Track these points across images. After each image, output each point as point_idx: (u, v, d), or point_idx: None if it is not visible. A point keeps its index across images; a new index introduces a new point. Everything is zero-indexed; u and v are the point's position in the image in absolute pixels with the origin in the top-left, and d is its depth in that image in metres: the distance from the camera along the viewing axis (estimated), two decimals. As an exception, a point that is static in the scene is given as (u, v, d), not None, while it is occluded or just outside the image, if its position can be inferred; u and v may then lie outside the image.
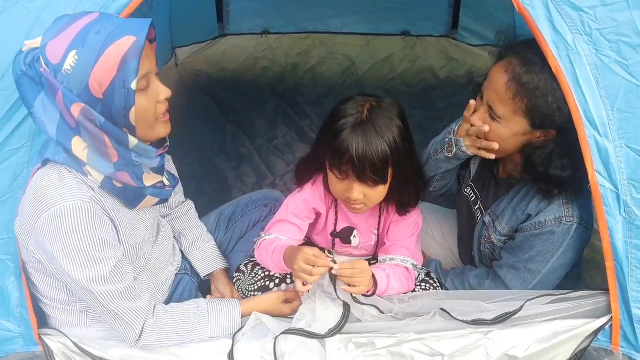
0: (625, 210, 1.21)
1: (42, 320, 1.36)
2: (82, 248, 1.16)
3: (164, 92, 1.24)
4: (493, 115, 1.36)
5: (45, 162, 1.20)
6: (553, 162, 1.33)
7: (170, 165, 1.55)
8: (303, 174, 1.57)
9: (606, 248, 1.24)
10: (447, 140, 1.55)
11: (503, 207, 1.52)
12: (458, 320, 1.33)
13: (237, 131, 2.76)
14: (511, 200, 1.51)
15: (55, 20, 1.15)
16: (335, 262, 1.35)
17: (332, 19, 3.01)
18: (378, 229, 1.61)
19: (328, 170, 1.41)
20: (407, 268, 1.54)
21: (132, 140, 1.21)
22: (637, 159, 1.19)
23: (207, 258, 1.70)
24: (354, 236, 1.63)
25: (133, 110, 1.16)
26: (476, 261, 1.68)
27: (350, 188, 1.36)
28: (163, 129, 1.29)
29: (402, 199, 1.48)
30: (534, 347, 1.28)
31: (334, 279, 1.36)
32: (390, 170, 1.35)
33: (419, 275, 1.60)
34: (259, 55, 3.04)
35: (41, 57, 1.11)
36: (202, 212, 1.82)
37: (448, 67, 3.04)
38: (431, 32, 3.04)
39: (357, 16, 3.01)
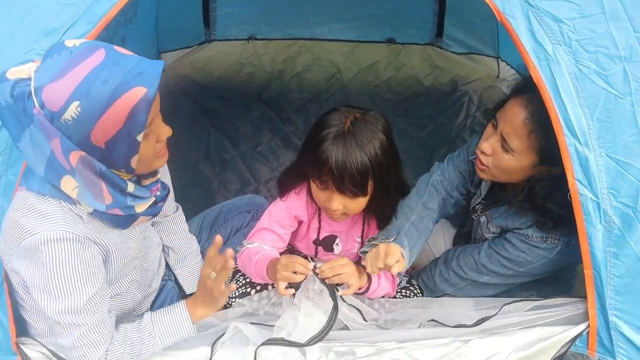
0: (604, 219, 1.23)
1: (21, 329, 1.33)
2: (60, 280, 1.11)
3: (165, 133, 1.18)
4: (505, 147, 1.38)
5: (29, 189, 1.13)
6: (553, 197, 1.35)
7: (164, 172, 1.49)
8: (286, 184, 1.56)
9: (585, 256, 1.27)
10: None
11: (499, 213, 1.55)
12: (442, 324, 1.35)
13: (221, 137, 2.75)
14: (507, 209, 1.53)
15: (50, 52, 1.04)
16: (315, 267, 1.35)
17: (318, 25, 3.02)
18: (362, 237, 1.61)
19: (310, 180, 1.41)
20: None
21: (130, 187, 1.16)
22: (616, 168, 1.21)
23: (194, 276, 1.66)
24: (337, 244, 1.63)
25: (136, 157, 1.10)
26: None
27: (330, 198, 1.37)
28: (160, 162, 1.23)
29: (383, 212, 1.48)
30: (514, 355, 1.30)
31: (326, 283, 1.35)
32: (370, 183, 1.35)
33: (400, 281, 1.60)
34: (244, 61, 3.04)
35: (34, 98, 1.01)
36: (185, 218, 1.80)
37: (432, 74, 3.07)
38: (416, 39, 3.06)
39: (343, 23, 3.02)
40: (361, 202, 1.38)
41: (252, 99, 2.94)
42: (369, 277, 1.45)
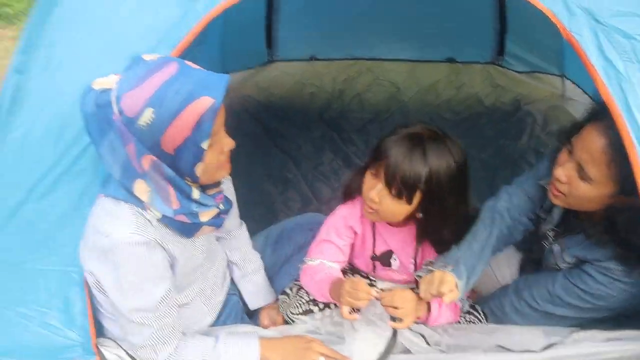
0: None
1: (100, 331, 1.41)
2: (130, 281, 1.21)
3: (228, 145, 1.26)
4: (582, 175, 1.32)
5: (107, 195, 1.24)
6: (636, 229, 1.28)
7: (228, 186, 1.55)
8: (349, 187, 1.59)
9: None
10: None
11: (575, 242, 1.49)
12: (508, 349, 1.31)
13: (283, 156, 2.81)
14: (584, 239, 1.46)
15: (130, 65, 1.16)
16: (377, 292, 1.36)
17: (378, 45, 3.07)
18: (414, 258, 1.61)
19: (366, 172, 1.44)
20: None
21: (195, 194, 1.24)
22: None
23: (258, 292, 1.72)
24: (394, 259, 1.63)
25: (201, 165, 1.18)
26: None
27: (373, 187, 1.39)
28: (222, 173, 1.31)
29: (439, 237, 1.47)
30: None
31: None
32: (418, 195, 1.35)
33: (463, 306, 1.58)
34: (306, 81, 3.11)
35: (114, 105, 1.12)
36: (249, 234, 1.86)
37: (494, 94, 3.03)
38: (477, 58, 3.05)
39: (402, 43, 3.05)
40: (399, 208, 1.39)
41: (313, 119, 3.00)
42: (430, 306, 1.44)
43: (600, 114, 1.30)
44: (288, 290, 1.70)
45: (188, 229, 1.31)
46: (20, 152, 1.37)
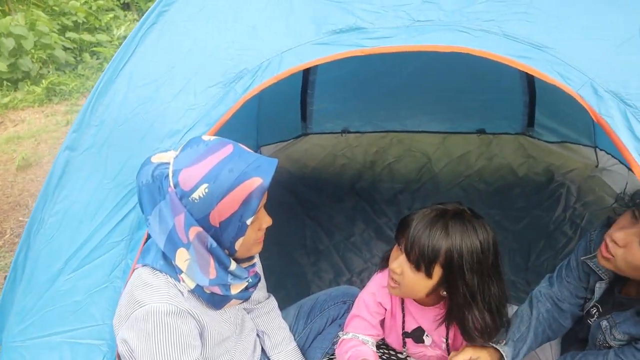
0: None
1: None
2: (162, 349, 1.23)
3: (267, 222, 1.34)
4: None
5: (144, 265, 1.31)
6: None
7: (257, 262, 1.60)
8: (383, 261, 1.60)
9: None
10: None
11: (625, 317, 1.44)
12: None
13: (316, 227, 2.83)
14: (634, 315, 1.41)
15: (189, 143, 1.25)
16: None
17: (409, 118, 3.12)
18: (447, 339, 1.59)
19: (396, 244, 1.46)
20: None
21: (232, 265, 1.30)
22: None
23: None
24: (427, 336, 1.60)
25: (241, 239, 1.25)
26: None
27: (396, 257, 1.41)
28: (257, 248, 1.38)
29: (464, 323, 1.43)
30: None
31: None
32: (438, 270, 1.35)
33: None
34: (338, 153, 3.17)
35: (171, 178, 1.20)
36: (281, 306, 1.86)
37: (526, 164, 3.01)
38: (507, 129, 3.06)
39: (433, 115, 3.10)
40: (420, 282, 1.39)
41: (345, 190, 3.04)
42: None
43: None
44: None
45: (218, 301, 1.35)
46: (61, 225, 1.45)
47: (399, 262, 1.41)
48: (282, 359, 1.71)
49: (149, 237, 1.38)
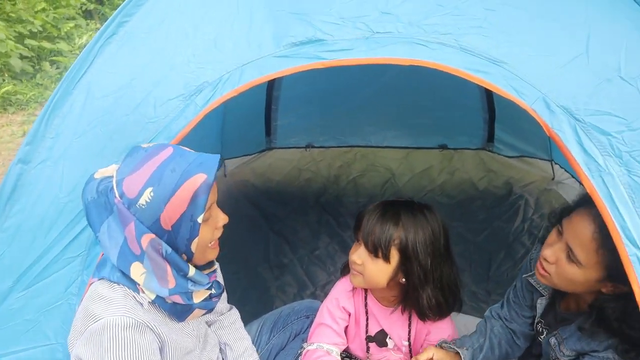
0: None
1: None
2: None
3: (223, 220, 1.34)
4: (571, 257, 1.34)
5: (100, 279, 1.27)
6: (630, 321, 1.28)
7: (218, 274, 1.59)
8: (345, 266, 1.69)
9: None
10: None
11: (570, 333, 1.47)
12: None
13: (280, 241, 2.83)
14: (578, 328, 1.45)
15: (130, 152, 1.25)
16: None
17: (373, 134, 3.16)
18: (409, 340, 1.63)
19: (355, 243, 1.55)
20: None
21: (191, 271, 1.28)
22: (685, 279, 1.16)
23: None
24: (389, 338, 1.63)
25: (196, 240, 1.24)
26: None
27: (356, 250, 1.51)
28: (212, 254, 1.37)
29: (419, 302, 1.51)
30: None
31: None
32: (395, 254, 1.45)
33: None
34: (303, 167, 3.17)
35: (116, 189, 1.20)
36: (244, 321, 1.83)
37: (486, 178, 3.08)
38: (468, 145, 3.12)
39: (396, 131, 3.14)
40: (380, 269, 1.48)
41: (310, 204, 3.04)
42: None
43: (590, 200, 1.32)
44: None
45: (180, 312, 1.33)
46: (13, 241, 1.40)
47: (358, 253, 1.50)
48: None
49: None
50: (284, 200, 3.04)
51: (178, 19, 1.46)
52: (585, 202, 1.36)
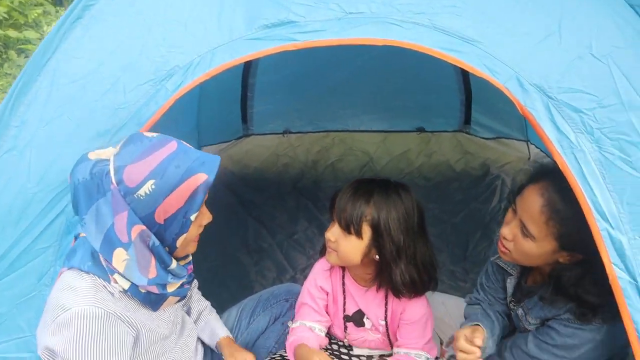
0: (647, 303, 1.20)
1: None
2: (87, 355, 1.16)
3: (207, 218, 1.34)
4: (525, 232, 1.39)
5: (70, 268, 1.25)
6: (585, 286, 1.33)
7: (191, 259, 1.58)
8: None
9: (633, 342, 1.20)
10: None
11: (534, 303, 1.53)
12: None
13: (258, 227, 2.82)
14: (540, 298, 1.51)
15: (131, 139, 1.22)
16: None
17: (350, 118, 3.16)
18: (385, 319, 1.65)
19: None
20: None
21: (174, 264, 1.28)
22: (652, 251, 1.19)
23: (211, 329, 1.71)
24: (367, 318, 1.67)
25: (184, 236, 1.24)
26: None
27: (330, 228, 1.55)
28: (192, 247, 1.37)
29: (392, 278, 1.53)
30: None
31: None
32: (367, 230, 1.47)
33: None
34: (280, 153, 3.16)
35: (112, 174, 1.16)
36: (224, 307, 1.84)
37: (463, 160, 3.12)
38: (445, 127, 3.15)
39: (373, 115, 3.15)
40: (353, 245, 1.50)
41: (287, 189, 3.04)
42: None
43: (539, 175, 1.40)
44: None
45: (154, 301, 1.32)
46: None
47: (332, 231, 1.53)
48: (203, 328, 1.70)
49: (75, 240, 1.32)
50: (261, 187, 3.03)
51: (147, 1, 1.42)
52: (533, 179, 1.41)
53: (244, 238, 2.77)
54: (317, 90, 2.93)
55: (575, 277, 1.35)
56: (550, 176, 1.35)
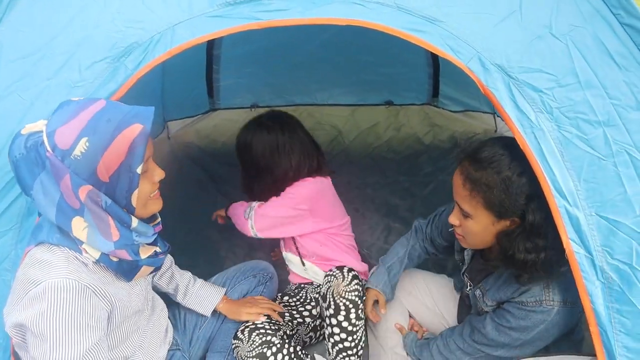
0: (602, 276, 1.24)
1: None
2: (59, 329, 1.14)
3: (159, 174, 1.31)
4: (464, 213, 1.45)
5: (38, 244, 1.22)
6: (516, 245, 1.38)
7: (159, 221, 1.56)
8: None
9: (589, 314, 1.26)
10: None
11: (490, 285, 1.58)
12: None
13: (228, 202, 2.79)
14: (496, 279, 1.56)
15: (60, 106, 1.19)
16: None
17: (318, 92, 3.14)
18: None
19: None
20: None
21: (134, 221, 1.25)
22: (607, 226, 1.24)
23: (205, 298, 1.77)
24: None
25: (136, 192, 1.21)
26: None
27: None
28: (155, 206, 1.34)
29: (251, 189, 2.20)
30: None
31: None
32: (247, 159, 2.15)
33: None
34: (248, 127, 3.12)
35: (46, 142, 1.14)
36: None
37: (431, 132, 3.14)
38: (413, 100, 3.17)
39: (342, 88, 3.14)
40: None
41: (257, 164, 3.00)
42: None
43: (459, 160, 1.46)
44: (240, 335, 1.73)
45: (127, 270, 1.30)
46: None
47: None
48: (195, 301, 1.76)
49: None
50: (230, 162, 2.97)
51: (102, -28, 1.36)
52: (458, 163, 1.47)
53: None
54: (284, 64, 2.89)
55: (510, 239, 1.39)
56: (467, 155, 1.42)
